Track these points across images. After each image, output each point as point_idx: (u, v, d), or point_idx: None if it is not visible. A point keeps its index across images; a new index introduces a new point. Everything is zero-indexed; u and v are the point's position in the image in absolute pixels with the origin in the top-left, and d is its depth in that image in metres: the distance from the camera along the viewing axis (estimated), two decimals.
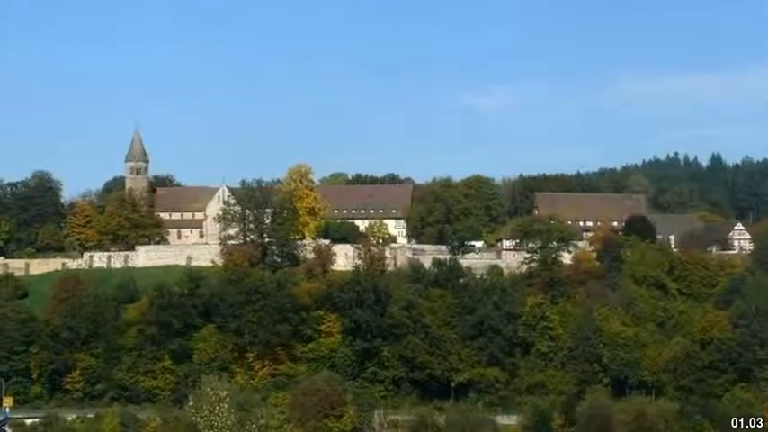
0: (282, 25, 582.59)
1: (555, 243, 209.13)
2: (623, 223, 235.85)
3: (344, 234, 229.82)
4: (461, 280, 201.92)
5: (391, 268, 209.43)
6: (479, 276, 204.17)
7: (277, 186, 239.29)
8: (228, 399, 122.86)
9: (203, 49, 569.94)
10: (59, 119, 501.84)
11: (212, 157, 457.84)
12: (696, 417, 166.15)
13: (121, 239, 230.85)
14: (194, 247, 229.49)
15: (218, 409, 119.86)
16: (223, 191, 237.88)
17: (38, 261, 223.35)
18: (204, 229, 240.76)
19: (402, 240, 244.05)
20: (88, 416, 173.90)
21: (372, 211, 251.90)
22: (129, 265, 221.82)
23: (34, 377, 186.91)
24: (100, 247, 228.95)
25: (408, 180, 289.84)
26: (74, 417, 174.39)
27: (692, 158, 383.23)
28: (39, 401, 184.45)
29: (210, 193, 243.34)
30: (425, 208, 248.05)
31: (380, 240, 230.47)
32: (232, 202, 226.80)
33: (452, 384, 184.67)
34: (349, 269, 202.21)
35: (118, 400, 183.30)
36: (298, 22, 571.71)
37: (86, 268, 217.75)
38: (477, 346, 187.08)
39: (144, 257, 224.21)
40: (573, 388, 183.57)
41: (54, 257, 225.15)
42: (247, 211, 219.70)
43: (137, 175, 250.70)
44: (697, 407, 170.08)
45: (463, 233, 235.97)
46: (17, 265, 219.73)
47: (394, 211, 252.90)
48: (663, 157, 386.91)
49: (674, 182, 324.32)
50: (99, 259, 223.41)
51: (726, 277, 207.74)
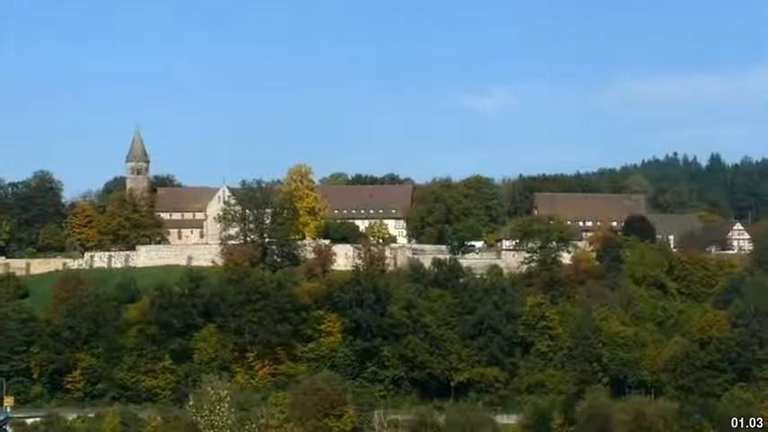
0: (282, 25, 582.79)
1: (554, 243, 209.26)
2: (623, 223, 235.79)
3: (344, 234, 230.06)
4: (461, 280, 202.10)
5: (391, 268, 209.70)
6: (479, 276, 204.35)
7: (277, 186, 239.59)
8: (229, 398, 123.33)
9: (203, 49, 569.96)
10: (60, 119, 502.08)
11: (212, 157, 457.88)
12: (695, 416, 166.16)
13: (122, 239, 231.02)
14: (195, 247, 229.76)
15: (219, 409, 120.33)
16: (223, 191, 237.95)
17: (39, 261, 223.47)
18: (205, 229, 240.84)
19: (402, 240, 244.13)
20: (89, 415, 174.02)
21: (372, 211, 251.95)
22: (130, 264, 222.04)
23: (35, 377, 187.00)
24: (101, 247, 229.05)
25: (408, 180, 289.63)
26: (74, 416, 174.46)
27: (691, 158, 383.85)
28: (39, 401, 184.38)
29: (211, 193, 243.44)
30: (425, 208, 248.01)
31: (380, 240, 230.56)
32: (232, 202, 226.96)
33: (452, 384, 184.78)
34: (349, 269, 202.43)
35: (118, 399, 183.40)
36: (298, 22, 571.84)
37: (87, 268, 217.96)
38: (477, 345, 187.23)
39: (144, 257, 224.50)
40: (572, 387, 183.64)
41: (55, 257, 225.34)
42: (248, 211, 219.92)
43: (137, 175, 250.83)
44: (696, 406, 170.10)
45: (463, 233, 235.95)
46: (18, 265, 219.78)
47: (394, 211, 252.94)
48: (662, 157, 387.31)
49: (673, 182, 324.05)
50: (100, 259, 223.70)
51: (725, 277, 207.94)
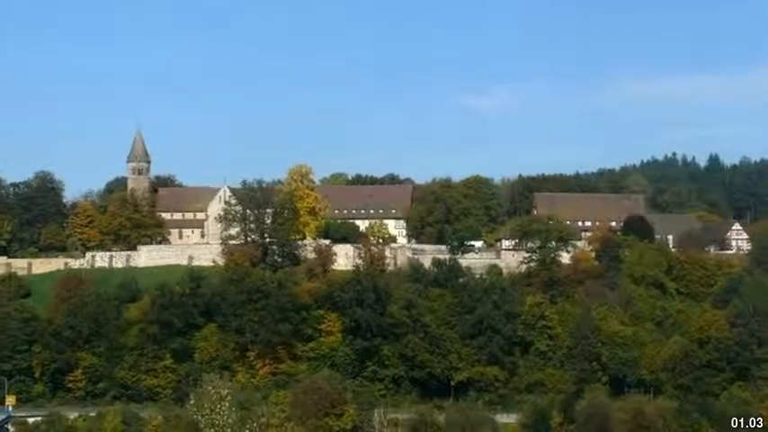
0: (282, 25, 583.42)
1: (554, 243, 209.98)
2: (622, 223, 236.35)
3: (345, 234, 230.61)
4: (461, 279, 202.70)
5: (391, 268, 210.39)
6: (479, 276, 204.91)
7: (278, 186, 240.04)
8: (230, 397, 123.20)
9: (203, 49, 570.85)
10: (60, 119, 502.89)
11: (213, 157, 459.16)
12: (694, 415, 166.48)
13: (123, 239, 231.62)
14: (196, 247, 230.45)
15: (220, 408, 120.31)
16: (224, 191, 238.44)
17: (40, 261, 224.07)
18: (205, 229, 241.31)
19: (402, 240, 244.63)
20: (90, 414, 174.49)
21: (372, 211, 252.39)
22: (131, 264, 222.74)
23: (37, 376, 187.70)
24: (102, 246, 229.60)
25: (408, 180, 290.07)
26: (76, 415, 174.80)
27: (690, 159, 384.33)
28: (41, 400, 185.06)
29: (212, 193, 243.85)
30: (425, 208, 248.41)
31: (380, 240, 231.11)
32: (233, 202, 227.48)
33: (452, 383, 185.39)
34: (349, 269, 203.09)
35: (120, 398, 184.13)
36: (298, 22, 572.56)
37: (88, 268, 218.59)
38: (477, 345, 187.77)
39: (146, 257, 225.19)
40: (572, 387, 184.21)
41: (56, 257, 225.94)
42: (248, 211, 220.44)
43: (138, 175, 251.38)
44: (695, 405, 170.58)
45: (463, 233, 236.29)
46: (20, 265, 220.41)
47: (394, 211, 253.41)
48: (661, 157, 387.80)
49: (672, 182, 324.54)
50: (101, 259, 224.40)
51: (723, 277, 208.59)
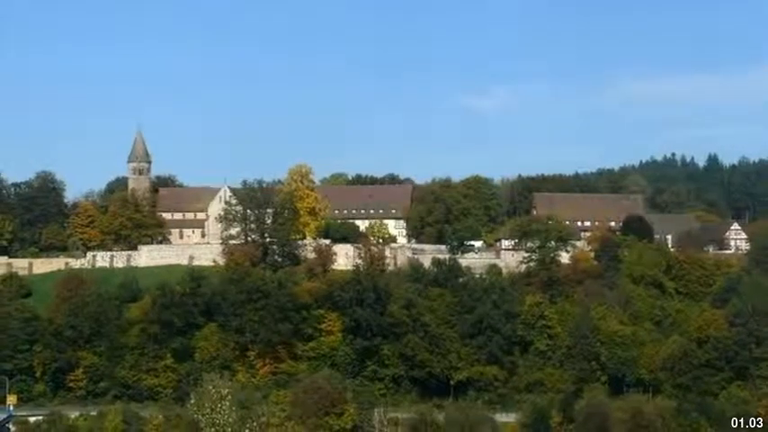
0: (282, 25, 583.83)
1: (553, 243, 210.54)
2: (621, 223, 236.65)
3: (345, 234, 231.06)
4: (461, 279, 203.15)
5: (391, 268, 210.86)
6: (478, 276, 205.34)
7: (278, 186, 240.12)
8: (230, 397, 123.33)
9: (203, 49, 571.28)
10: (61, 119, 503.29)
11: (213, 157, 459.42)
12: (693, 414, 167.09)
13: (124, 239, 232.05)
14: (196, 247, 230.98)
15: (220, 407, 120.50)
16: (224, 191, 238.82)
17: (41, 260, 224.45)
18: (206, 229, 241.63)
19: (402, 240, 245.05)
20: (91, 414, 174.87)
21: (372, 211, 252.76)
22: (132, 264, 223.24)
23: (38, 375, 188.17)
24: (103, 246, 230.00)
25: (408, 180, 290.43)
26: (77, 414, 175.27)
27: (688, 159, 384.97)
28: (42, 399, 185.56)
29: (212, 193, 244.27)
30: (425, 208, 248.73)
31: (380, 240, 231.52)
32: (233, 202, 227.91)
33: (452, 382, 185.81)
34: (349, 269, 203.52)
35: (120, 398, 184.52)
36: (298, 22, 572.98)
37: (89, 268, 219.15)
38: (477, 344, 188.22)
39: (146, 257, 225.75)
40: (571, 386, 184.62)
41: (57, 257, 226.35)
42: (249, 211, 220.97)
43: (139, 175, 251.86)
44: (694, 405, 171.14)
45: (462, 233, 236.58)
46: (21, 265, 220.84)
47: (394, 211, 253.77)
48: (660, 157, 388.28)
49: (671, 182, 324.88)
50: (102, 259, 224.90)
51: (722, 276, 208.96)
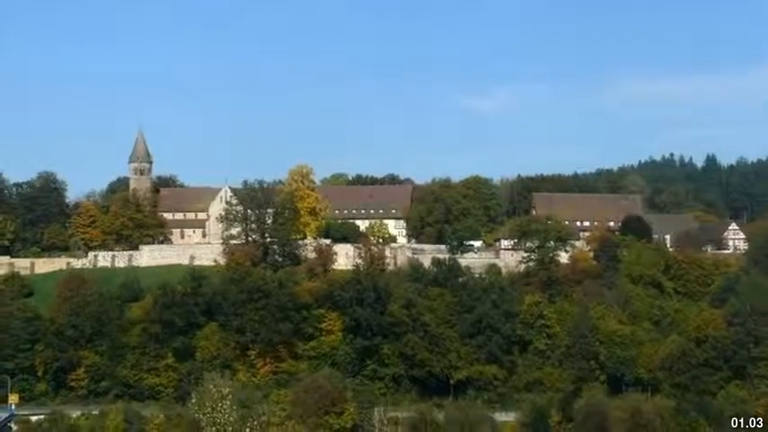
0: (282, 25, 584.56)
1: (552, 243, 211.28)
2: (620, 223, 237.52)
3: (345, 234, 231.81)
4: (460, 279, 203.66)
5: (391, 267, 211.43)
6: (478, 275, 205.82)
7: (278, 187, 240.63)
8: (231, 396, 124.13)
9: (203, 49, 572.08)
10: (61, 119, 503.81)
11: (214, 157, 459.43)
12: (691, 414, 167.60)
13: (125, 239, 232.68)
14: (197, 247, 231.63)
15: (221, 407, 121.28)
16: (225, 191, 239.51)
17: (43, 260, 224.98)
18: (207, 229, 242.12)
19: (402, 240, 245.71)
20: (92, 413, 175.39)
21: (372, 211, 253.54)
22: (133, 264, 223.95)
23: (39, 375, 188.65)
24: (104, 246, 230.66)
25: (408, 180, 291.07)
26: (78, 414, 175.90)
27: (687, 159, 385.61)
28: (44, 399, 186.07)
29: (213, 193, 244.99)
30: (425, 208, 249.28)
31: (380, 240, 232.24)
32: (234, 202, 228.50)
33: (451, 382, 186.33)
34: (349, 268, 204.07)
35: (122, 397, 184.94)
36: (298, 22, 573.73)
37: (91, 267, 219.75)
38: (476, 344, 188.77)
39: (147, 257, 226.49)
40: (570, 385, 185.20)
41: (59, 257, 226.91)
42: (249, 211, 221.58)
43: (140, 175, 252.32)
44: (692, 404, 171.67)
45: (462, 233, 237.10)
46: (23, 265, 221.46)
47: (394, 212, 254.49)
48: (659, 157, 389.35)
49: (669, 182, 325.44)
50: (103, 258, 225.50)
51: (720, 276, 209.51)
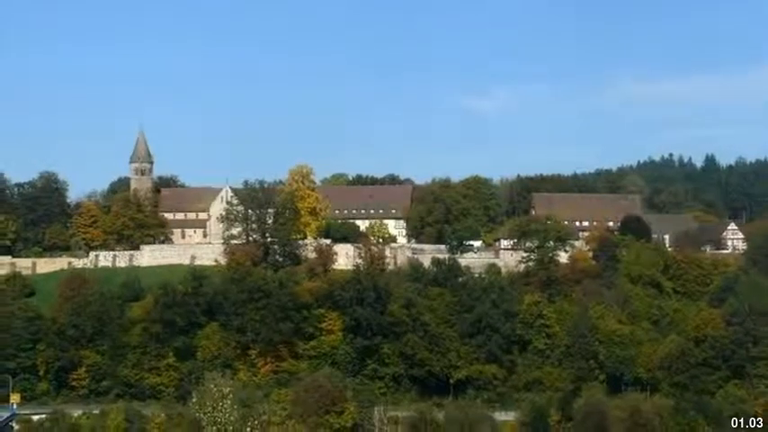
0: (282, 25, 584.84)
1: (552, 243, 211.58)
2: (619, 223, 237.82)
3: (345, 234, 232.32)
4: (460, 279, 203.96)
5: (391, 267, 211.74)
6: (478, 275, 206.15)
7: (279, 187, 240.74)
8: (231, 395, 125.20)
9: (203, 49, 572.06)
10: (62, 119, 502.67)
11: (214, 157, 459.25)
12: (690, 413, 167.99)
13: (126, 239, 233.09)
14: (198, 247, 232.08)
15: (222, 406, 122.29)
16: (226, 191, 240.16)
17: (44, 260, 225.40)
18: (207, 229, 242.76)
19: (402, 240, 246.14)
20: (94, 412, 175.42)
21: (373, 212, 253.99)
22: (134, 264, 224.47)
23: (41, 374, 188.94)
24: (105, 246, 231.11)
25: (408, 180, 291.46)
26: (79, 413, 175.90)
27: (686, 159, 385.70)
28: (45, 398, 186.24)
29: (214, 193, 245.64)
30: (425, 208, 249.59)
31: (380, 240, 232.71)
32: (235, 202, 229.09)
33: (451, 381, 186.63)
34: (350, 268, 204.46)
35: (123, 396, 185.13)
36: (298, 22, 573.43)
37: (92, 267, 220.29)
38: (476, 343, 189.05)
39: (148, 257, 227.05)
40: (569, 385, 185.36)
41: (60, 257, 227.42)
42: (250, 211, 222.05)
43: (141, 175, 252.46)
44: (691, 403, 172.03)
45: (462, 233, 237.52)
46: (24, 264, 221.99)
47: (394, 212, 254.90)
48: (658, 157, 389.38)
49: (668, 182, 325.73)
50: (104, 258, 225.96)
51: (719, 276, 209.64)
